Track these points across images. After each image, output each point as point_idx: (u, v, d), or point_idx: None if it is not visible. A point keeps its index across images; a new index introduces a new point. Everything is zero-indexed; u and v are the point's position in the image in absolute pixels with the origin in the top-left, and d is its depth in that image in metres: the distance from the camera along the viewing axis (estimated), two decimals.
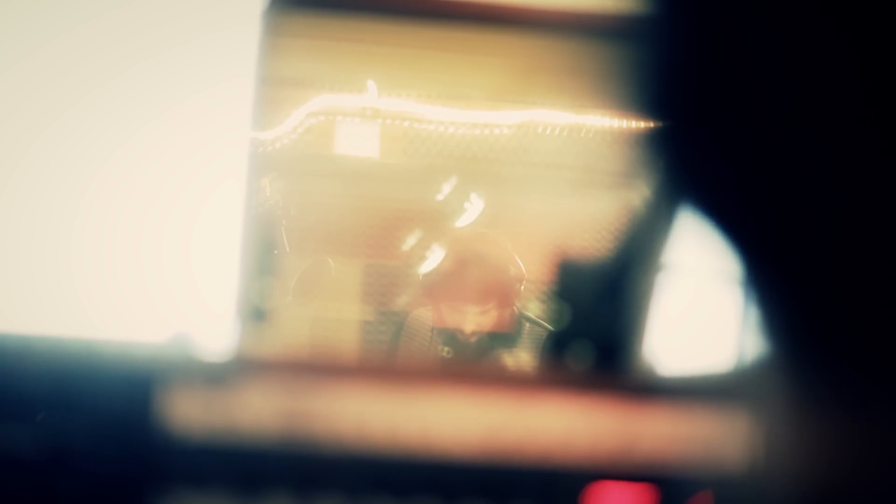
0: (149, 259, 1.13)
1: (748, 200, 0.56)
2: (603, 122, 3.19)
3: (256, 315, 1.18)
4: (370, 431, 0.96)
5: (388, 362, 1.67)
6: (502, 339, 2.27)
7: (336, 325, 3.06)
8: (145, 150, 1.14)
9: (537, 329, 2.29)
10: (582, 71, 1.36)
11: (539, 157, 3.27)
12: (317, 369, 0.97)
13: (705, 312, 1.09)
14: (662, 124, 0.58)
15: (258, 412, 0.95)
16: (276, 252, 2.54)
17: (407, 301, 3.05)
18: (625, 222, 1.16)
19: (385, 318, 3.13)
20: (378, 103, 3.15)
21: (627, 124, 2.54)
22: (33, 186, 1.13)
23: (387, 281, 3.24)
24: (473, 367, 1.88)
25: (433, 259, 2.52)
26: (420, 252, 3.02)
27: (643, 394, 0.99)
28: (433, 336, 2.32)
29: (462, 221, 3.15)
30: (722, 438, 0.97)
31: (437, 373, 1.05)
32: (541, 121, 3.26)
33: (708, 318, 1.08)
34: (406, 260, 3.13)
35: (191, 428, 0.94)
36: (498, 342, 2.26)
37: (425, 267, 2.67)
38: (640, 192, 1.08)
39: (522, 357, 2.25)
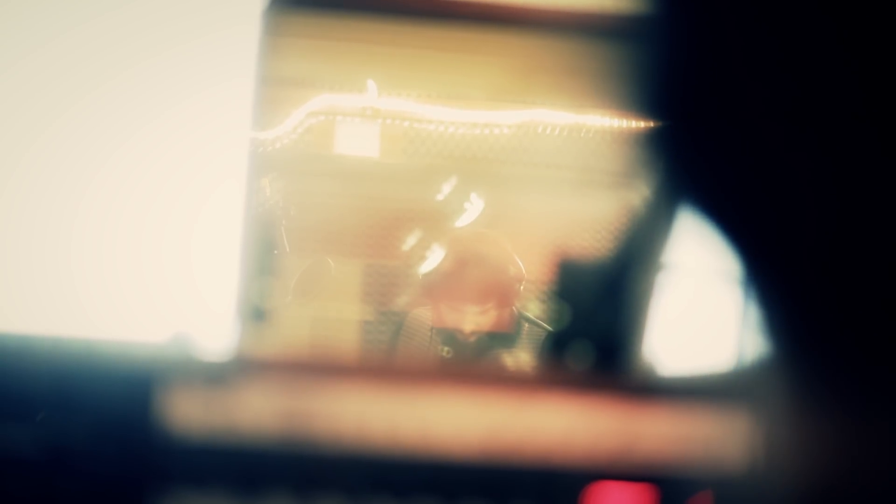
0: (149, 259, 1.13)
1: (748, 200, 0.56)
2: (603, 122, 3.19)
3: (256, 315, 1.18)
4: (370, 431, 0.96)
5: (388, 362, 1.67)
6: (501, 339, 2.26)
7: (336, 325, 3.06)
8: (145, 150, 1.14)
9: (537, 329, 2.29)
10: (582, 71, 1.36)
11: (539, 157, 3.27)
12: (317, 369, 0.97)
13: (705, 312, 1.09)
14: (662, 124, 0.58)
15: (258, 412, 0.95)
16: (276, 252, 2.54)
17: (407, 301, 3.05)
18: (624, 222, 1.16)
19: (385, 318, 3.13)
20: (378, 103, 3.15)
21: (627, 124, 2.54)
22: (33, 186, 1.13)
23: (387, 281, 3.24)
24: (473, 367, 1.88)
25: (433, 259, 2.51)
26: (420, 252, 3.02)
27: (643, 394, 0.99)
28: (432, 336, 2.32)
29: (462, 221, 3.15)
30: (722, 438, 0.97)
31: (437, 373, 1.05)
32: (541, 121, 3.26)
33: (707, 318, 1.08)
34: (406, 260, 3.13)
35: (191, 428, 0.94)
36: (497, 342, 2.26)
37: (425, 267, 2.67)
38: (640, 192, 1.08)
39: (522, 357, 2.25)
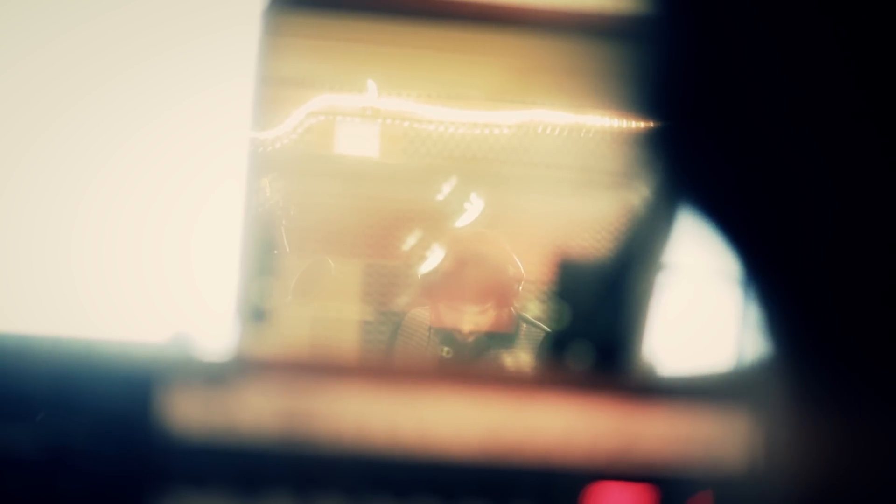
0: (149, 259, 1.13)
1: (747, 200, 0.56)
2: (603, 122, 3.19)
3: (256, 315, 1.18)
4: (370, 431, 0.96)
5: (388, 362, 1.67)
6: (501, 340, 2.26)
7: (336, 325, 3.06)
8: (145, 150, 1.14)
9: (536, 329, 2.29)
10: (582, 71, 1.36)
11: (539, 157, 3.27)
12: (317, 369, 0.97)
13: (705, 312, 1.09)
14: (662, 124, 0.58)
15: (258, 412, 0.95)
16: (276, 252, 2.54)
17: (406, 301, 3.05)
18: (624, 222, 1.16)
19: (385, 318, 3.13)
20: (378, 103, 3.15)
21: (627, 124, 2.54)
22: (33, 186, 1.13)
23: (387, 281, 3.24)
24: (473, 367, 1.88)
25: (432, 259, 2.51)
26: (419, 252, 3.02)
27: (643, 394, 0.99)
28: (431, 336, 2.32)
29: (461, 221, 3.15)
30: (722, 438, 0.97)
31: (437, 373, 1.05)
32: (541, 121, 3.26)
33: (707, 319, 1.08)
34: (406, 260, 3.13)
35: (191, 428, 0.94)
36: (496, 342, 2.26)
37: (424, 267, 2.67)
38: (640, 192, 1.08)
39: (521, 357, 2.25)
